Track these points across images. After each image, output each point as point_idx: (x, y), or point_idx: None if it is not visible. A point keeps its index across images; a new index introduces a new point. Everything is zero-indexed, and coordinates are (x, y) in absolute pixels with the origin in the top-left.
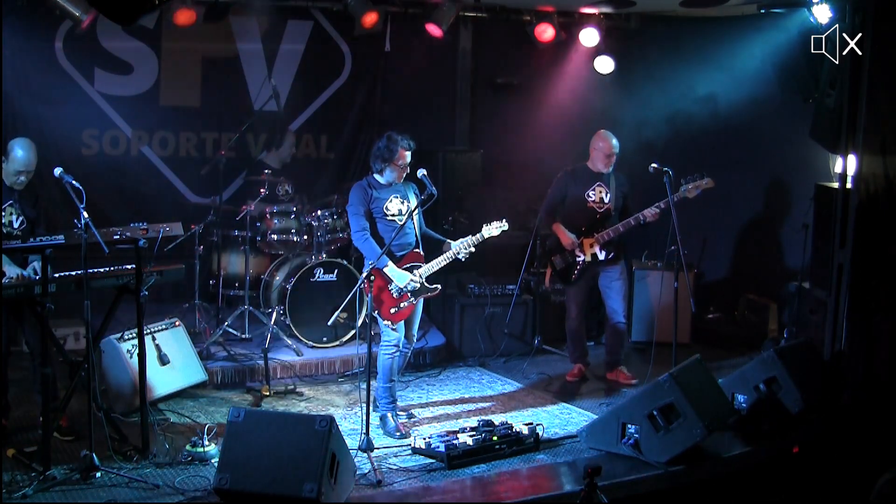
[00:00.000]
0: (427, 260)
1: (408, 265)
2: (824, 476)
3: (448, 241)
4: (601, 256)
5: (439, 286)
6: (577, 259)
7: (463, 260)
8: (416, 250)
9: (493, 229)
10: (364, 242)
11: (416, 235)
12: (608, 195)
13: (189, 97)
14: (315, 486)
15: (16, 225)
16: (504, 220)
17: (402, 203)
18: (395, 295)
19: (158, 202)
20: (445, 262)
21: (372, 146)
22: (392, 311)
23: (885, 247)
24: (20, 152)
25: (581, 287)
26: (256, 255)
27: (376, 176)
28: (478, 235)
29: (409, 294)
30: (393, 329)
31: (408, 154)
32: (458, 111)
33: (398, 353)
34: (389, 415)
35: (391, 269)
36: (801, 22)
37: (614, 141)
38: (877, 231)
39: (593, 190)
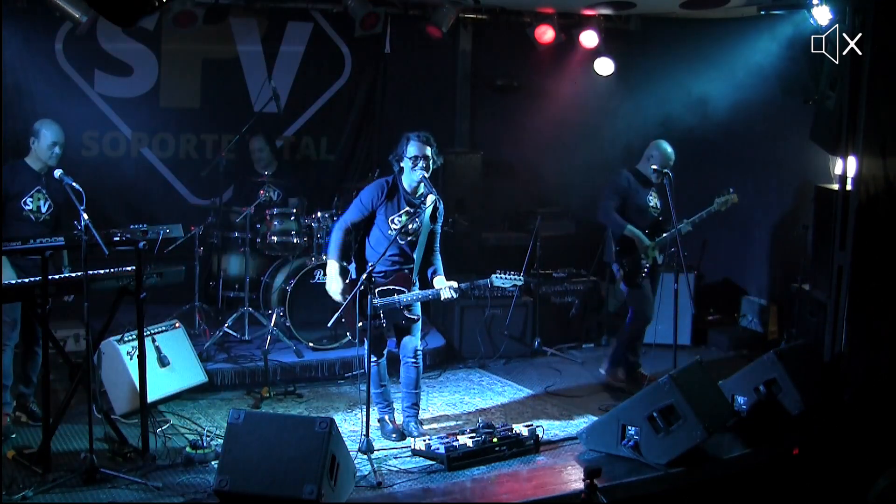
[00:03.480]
0: (422, 287)
1: (390, 287)
2: (825, 477)
3: (441, 275)
4: (660, 261)
5: (419, 315)
6: (643, 262)
7: (443, 299)
8: (406, 273)
9: (505, 280)
10: (334, 232)
11: (412, 256)
12: (660, 201)
13: (189, 99)
14: (315, 488)
15: (44, 210)
16: (521, 275)
17: (411, 223)
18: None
19: (158, 204)
20: (427, 298)
21: (372, 148)
22: (359, 324)
23: (886, 249)
24: (51, 126)
25: (644, 290)
26: (256, 257)
27: (402, 178)
28: (485, 281)
29: (381, 315)
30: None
31: (416, 145)
32: (459, 113)
33: (383, 360)
34: (387, 417)
35: (332, 269)
36: (801, 23)
37: (669, 150)
38: (877, 233)
39: (651, 195)
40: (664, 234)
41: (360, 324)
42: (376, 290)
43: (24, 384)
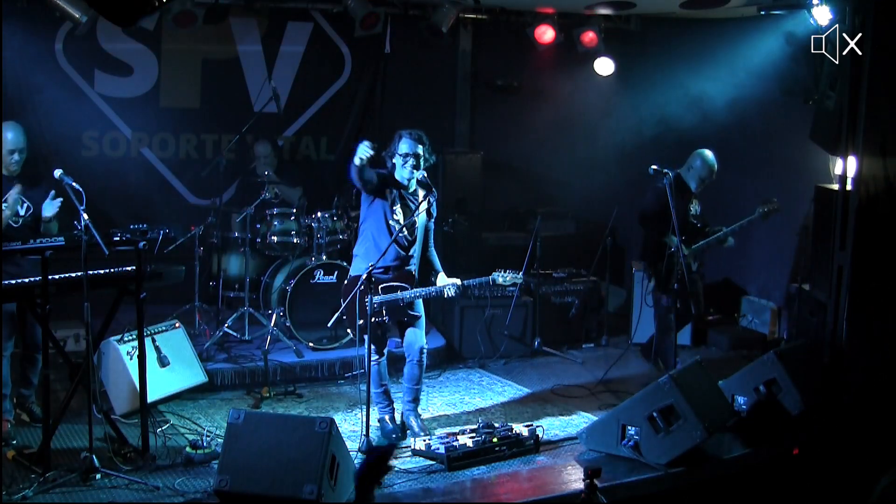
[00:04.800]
0: (422, 283)
1: (394, 284)
2: (825, 478)
3: (441, 272)
4: (694, 267)
5: (421, 312)
6: (676, 269)
7: (446, 296)
8: (409, 269)
9: (506, 278)
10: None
11: (415, 253)
12: (699, 209)
13: (189, 99)
14: (315, 488)
15: (22, 213)
16: (520, 273)
17: (408, 219)
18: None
19: (158, 204)
20: (430, 294)
21: None
22: (360, 321)
23: (885, 249)
24: (9, 134)
25: (671, 297)
26: (256, 257)
27: (396, 173)
28: (488, 279)
29: (383, 312)
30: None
31: (407, 143)
32: (459, 113)
33: (383, 359)
34: (387, 417)
35: None
36: (801, 23)
37: (712, 159)
38: (877, 233)
39: (691, 203)
40: (700, 242)
41: (361, 321)
42: (379, 287)
43: (24, 386)
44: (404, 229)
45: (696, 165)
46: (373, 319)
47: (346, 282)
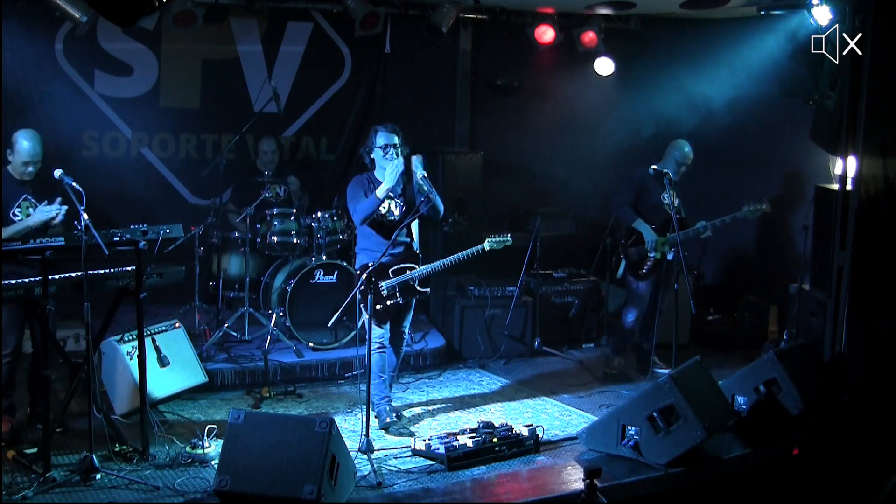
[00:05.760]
0: (425, 261)
1: (401, 265)
2: (824, 478)
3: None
4: (669, 257)
5: (429, 290)
6: (650, 255)
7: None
8: (413, 250)
9: (497, 243)
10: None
11: (415, 233)
12: (677, 199)
13: (189, 99)
14: (315, 488)
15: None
16: (508, 235)
17: (396, 206)
18: (383, 293)
19: (158, 204)
20: (441, 267)
21: None
22: (377, 307)
23: (886, 249)
24: (25, 143)
25: (647, 283)
26: (256, 257)
27: (375, 173)
28: (478, 248)
29: (397, 293)
30: (379, 326)
31: (384, 135)
32: (458, 113)
33: (386, 350)
34: (385, 409)
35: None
36: (801, 23)
37: (687, 149)
38: (877, 233)
39: (667, 193)
40: (678, 233)
41: (379, 306)
42: (390, 271)
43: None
44: (392, 215)
45: (672, 153)
46: (388, 302)
47: (370, 278)
